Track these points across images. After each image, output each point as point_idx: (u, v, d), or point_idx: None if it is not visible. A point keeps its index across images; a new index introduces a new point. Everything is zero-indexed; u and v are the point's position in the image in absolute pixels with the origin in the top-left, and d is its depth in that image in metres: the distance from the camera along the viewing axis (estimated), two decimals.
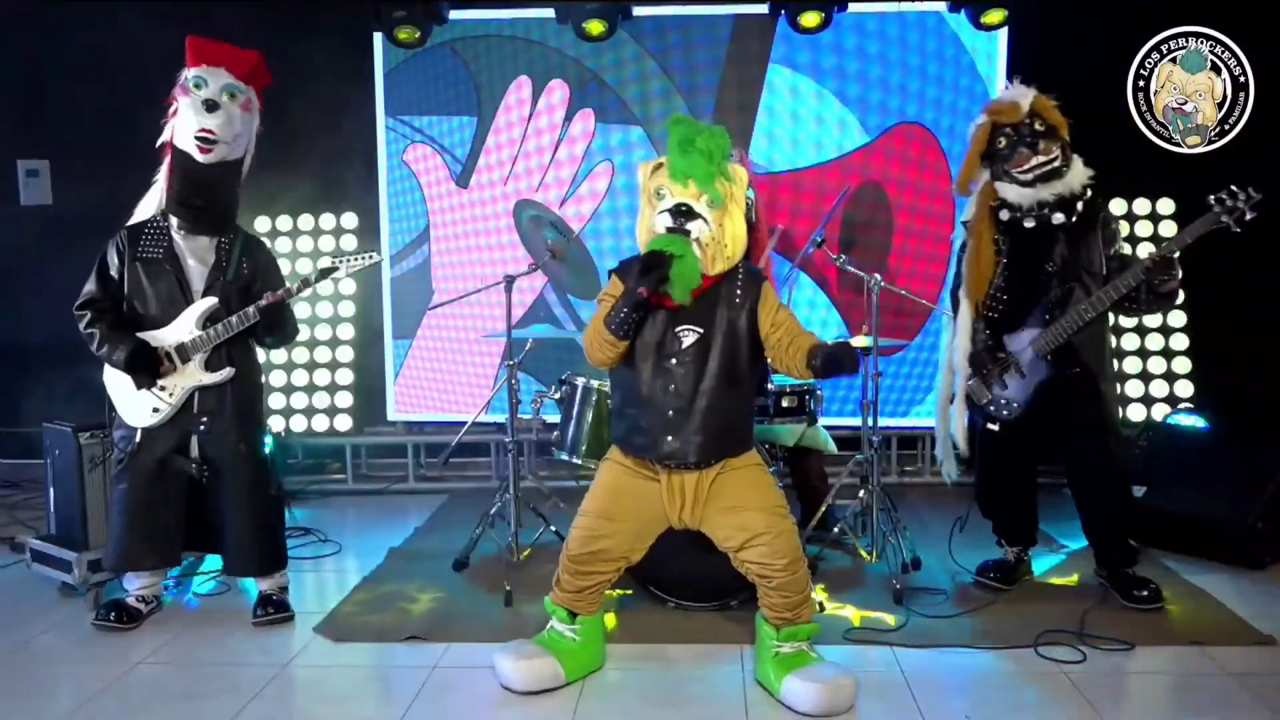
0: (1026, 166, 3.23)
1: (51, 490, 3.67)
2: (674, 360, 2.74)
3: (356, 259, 3.31)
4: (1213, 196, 3.01)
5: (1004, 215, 3.33)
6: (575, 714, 2.66)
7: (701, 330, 2.73)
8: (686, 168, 2.66)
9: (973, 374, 3.40)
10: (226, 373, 3.25)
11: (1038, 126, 3.24)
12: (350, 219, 5.28)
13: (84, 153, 5.23)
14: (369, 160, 5.23)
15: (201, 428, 3.25)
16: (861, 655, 3.00)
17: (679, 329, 2.74)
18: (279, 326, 3.30)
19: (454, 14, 4.99)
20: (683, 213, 2.65)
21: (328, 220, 5.27)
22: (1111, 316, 3.49)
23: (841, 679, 2.66)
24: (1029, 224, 3.28)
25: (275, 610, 3.31)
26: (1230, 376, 4.87)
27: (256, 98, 3.32)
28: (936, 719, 2.62)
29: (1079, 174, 3.27)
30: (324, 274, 3.28)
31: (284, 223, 5.24)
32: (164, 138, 3.23)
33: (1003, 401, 3.35)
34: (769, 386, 3.67)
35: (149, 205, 3.30)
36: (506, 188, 5.12)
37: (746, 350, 2.77)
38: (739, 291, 2.77)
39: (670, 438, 2.74)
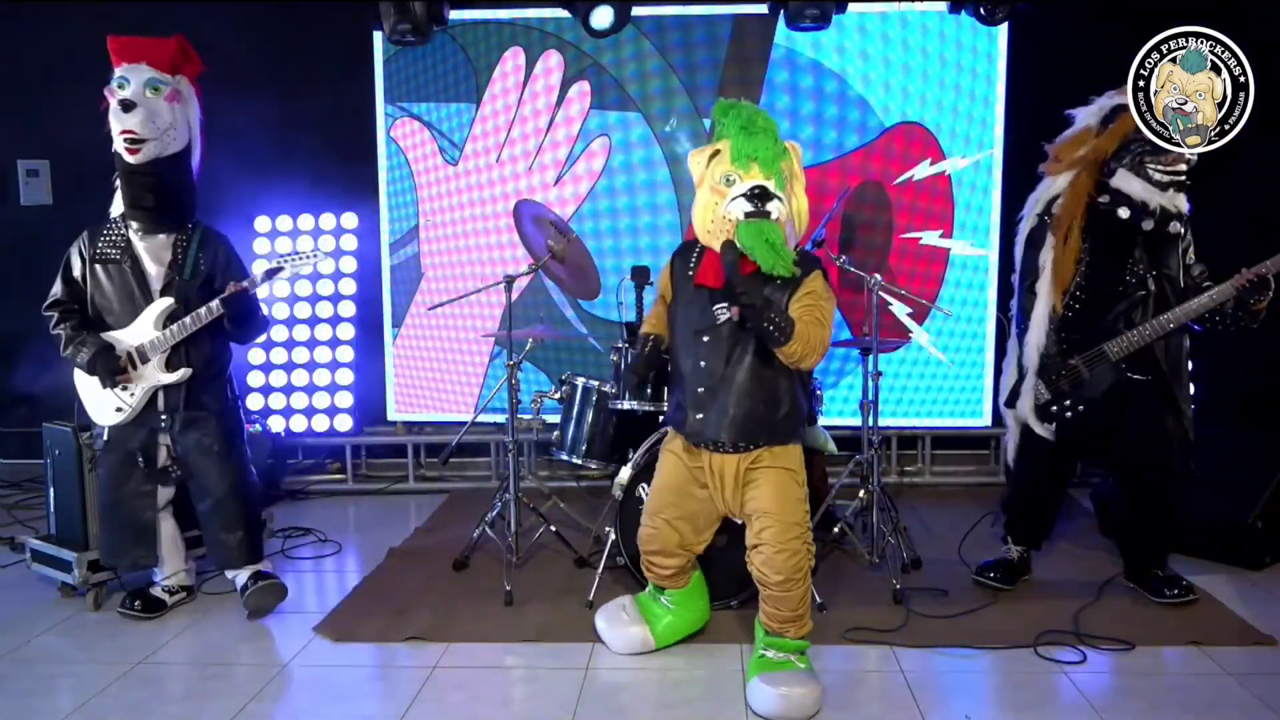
0: (1178, 168, 3.11)
1: (51, 490, 3.67)
2: (706, 337, 2.74)
3: (301, 258, 3.31)
4: None
5: (1123, 213, 3.12)
6: (575, 714, 2.66)
7: (736, 308, 2.66)
8: (752, 150, 2.64)
9: (1040, 378, 3.31)
10: (183, 373, 3.26)
11: None
12: (350, 219, 5.28)
13: (84, 153, 5.21)
14: (368, 151, 5.22)
15: (162, 424, 3.27)
16: (861, 655, 3.00)
17: (716, 307, 2.69)
18: (245, 319, 3.31)
19: (455, 13, 4.98)
20: (758, 195, 2.61)
21: (328, 220, 5.27)
22: None
23: (805, 690, 2.63)
24: (1147, 226, 3.13)
25: (264, 578, 3.34)
26: (1230, 376, 4.87)
27: (190, 84, 3.29)
28: (936, 719, 2.62)
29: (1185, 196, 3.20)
30: (270, 274, 3.27)
31: (284, 223, 5.23)
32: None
33: (1066, 404, 3.27)
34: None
35: (116, 209, 3.34)
36: (504, 170, 5.12)
37: None
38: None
39: (699, 415, 2.74)
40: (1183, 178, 3.13)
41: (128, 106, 3.13)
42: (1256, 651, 3.00)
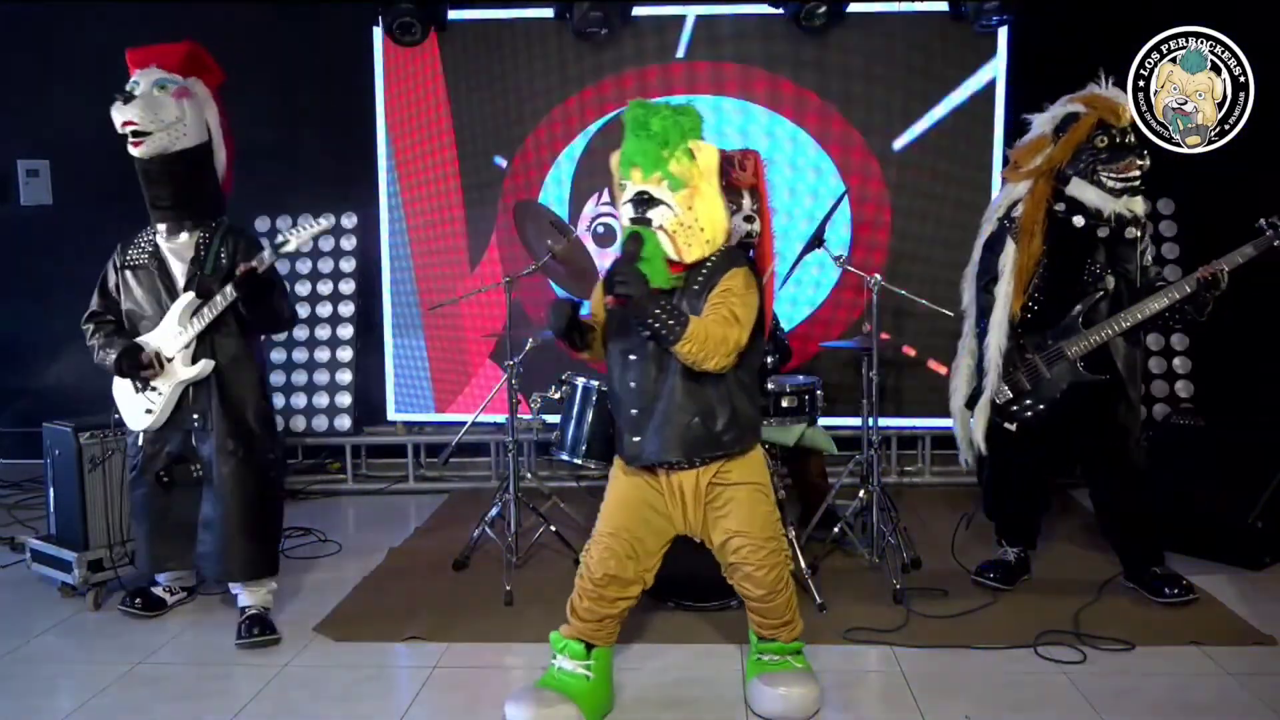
0: (1131, 174, 3.10)
1: (51, 490, 3.67)
2: (633, 355, 2.62)
3: (304, 228, 3.13)
4: (1264, 220, 3.03)
5: (1078, 221, 3.16)
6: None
7: (611, 297, 2.49)
8: (631, 154, 2.53)
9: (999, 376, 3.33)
10: (204, 364, 3.16)
11: (1131, 140, 3.12)
12: (350, 219, 5.29)
13: (84, 153, 5.22)
14: (369, 151, 5.21)
15: (194, 424, 3.21)
16: (861, 655, 3.00)
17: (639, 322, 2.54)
18: (257, 302, 3.13)
19: (454, 14, 4.99)
20: (643, 201, 2.51)
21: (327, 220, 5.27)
22: None
23: (805, 690, 2.62)
24: (1102, 233, 3.16)
25: (262, 631, 3.15)
26: (1230, 376, 4.88)
27: (204, 87, 3.22)
28: (936, 719, 2.62)
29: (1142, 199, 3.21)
30: (276, 249, 3.07)
31: (284, 223, 5.23)
32: None
33: (1027, 404, 3.28)
34: (767, 386, 3.65)
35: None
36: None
37: None
38: (702, 275, 2.59)
39: (636, 438, 2.63)
40: (1137, 183, 3.14)
41: (127, 99, 3.08)
42: (1256, 651, 3.00)
